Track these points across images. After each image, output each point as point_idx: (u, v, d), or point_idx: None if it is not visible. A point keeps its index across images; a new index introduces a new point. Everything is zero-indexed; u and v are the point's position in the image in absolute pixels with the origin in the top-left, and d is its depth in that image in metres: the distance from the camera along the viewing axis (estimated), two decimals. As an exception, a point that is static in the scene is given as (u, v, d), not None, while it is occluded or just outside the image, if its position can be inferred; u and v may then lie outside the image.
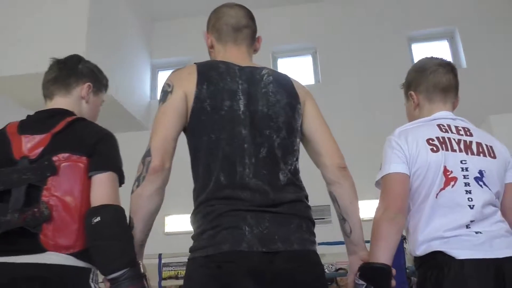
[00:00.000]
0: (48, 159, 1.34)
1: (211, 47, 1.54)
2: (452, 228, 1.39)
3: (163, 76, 7.96)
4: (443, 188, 1.43)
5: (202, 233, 1.21)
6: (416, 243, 1.45)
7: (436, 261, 1.38)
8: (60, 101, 1.53)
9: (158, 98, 1.39)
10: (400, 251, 4.05)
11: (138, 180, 1.26)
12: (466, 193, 1.42)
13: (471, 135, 1.52)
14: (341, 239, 1.45)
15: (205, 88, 1.31)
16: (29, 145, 1.38)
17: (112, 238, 1.26)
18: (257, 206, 1.20)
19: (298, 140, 1.39)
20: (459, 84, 1.66)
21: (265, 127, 1.31)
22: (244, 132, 1.28)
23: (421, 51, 7.66)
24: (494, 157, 1.51)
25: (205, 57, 1.54)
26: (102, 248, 1.27)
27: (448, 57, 7.55)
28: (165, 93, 1.35)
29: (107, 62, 4.69)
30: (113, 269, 1.23)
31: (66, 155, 1.35)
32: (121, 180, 1.41)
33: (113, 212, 1.30)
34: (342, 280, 5.41)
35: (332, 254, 4.88)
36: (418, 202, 1.48)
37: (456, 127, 1.55)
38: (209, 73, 1.34)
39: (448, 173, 1.44)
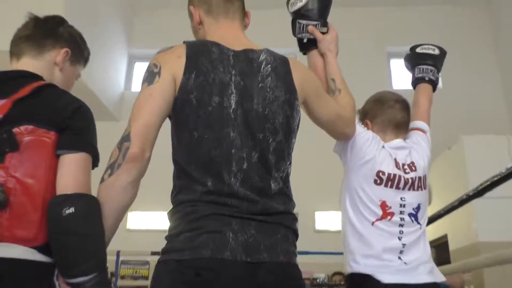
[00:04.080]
0: (7, 131, 1.09)
1: (199, 23, 1.37)
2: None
3: (140, 67, 7.80)
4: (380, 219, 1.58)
5: (178, 234, 1.08)
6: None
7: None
8: (28, 63, 1.27)
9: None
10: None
11: (112, 168, 1.08)
12: (399, 226, 1.57)
13: (415, 169, 1.67)
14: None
15: (193, 77, 1.16)
16: None
17: (86, 235, 1.05)
18: (243, 213, 1.10)
19: (294, 141, 1.28)
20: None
21: (259, 129, 1.18)
22: (232, 134, 1.15)
23: (399, 67, 7.79)
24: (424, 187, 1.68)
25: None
26: (71, 245, 1.04)
27: (425, 76, 7.71)
28: (151, 73, 1.19)
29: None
30: (80, 272, 1.04)
31: (30, 127, 1.10)
32: (94, 163, 1.19)
33: (89, 203, 1.08)
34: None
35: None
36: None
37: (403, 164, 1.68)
38: (199, 59, 1.19)
39: (386, 208, 1.58)
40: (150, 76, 1.18)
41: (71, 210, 1.05)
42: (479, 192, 2.19)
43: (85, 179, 1.12)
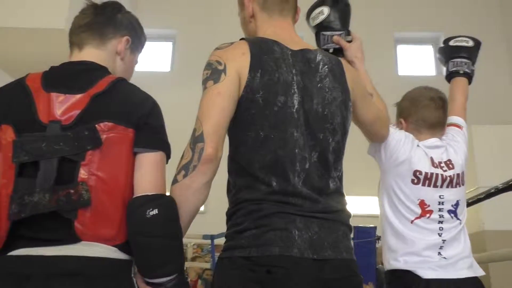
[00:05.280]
0: (90, 128, 1.05)
1: (251, 16, 1.34)
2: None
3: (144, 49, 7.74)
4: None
5: (242, 231, 1.08)
6: None
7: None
8: (92, 53, 1.22)
9: (205, 75, 1.18)
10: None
11: (186, 169, 1.07)
12: (439, 223, 1.59)
13: (453, 167, 1.67)
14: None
15: (258, 76, 1.15)
16: (62, 106, 1.08)
17: (169, 237, 1.05)
18: (305, 212, 1.11)
19: (346, 141, 1.29)
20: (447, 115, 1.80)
21: (320, 129, 1.18)
22: (296, 134, 1.15)
23: (406, 53, 7.73)
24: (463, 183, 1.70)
25: (190, 32, 1.40)
26: (155, 246, 1.03)
27: (432, 63, 7.67)
28: (216, 71, 1.15)
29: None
30: (163, 273, 1.04)
31: (109, 124, 1.07)
32: (166, 161, 1.17)
33: (171, 205, 1.07)
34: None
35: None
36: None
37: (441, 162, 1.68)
38: (262, 58, 1.17)
39: (425, 206, 1.59)
40: (216, 74, 1.15)
41: (155, 211, 1.03)
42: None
43: (162, 179, 1.11)
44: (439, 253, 1.55)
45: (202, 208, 1.21)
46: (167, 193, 1.11)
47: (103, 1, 1.31)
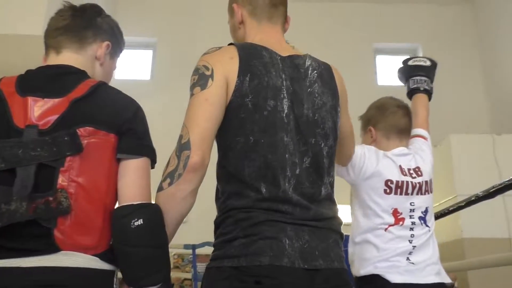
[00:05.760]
0: (70, 133, 1.02)
1: (240, 22, 1.34)
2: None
3: (122, 55, 7.65)
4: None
5: (231, 240, 1.06)
6: None
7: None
8: (71, 57, 1.18)
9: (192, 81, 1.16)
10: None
11: (171, 177, 1.06)
12: (410, 230, 1.64)
13: (421, 174, 1.73)
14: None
15: (247, 80, 1.13)
16: (39, 110, 1.04)
17: (155, 246, 1.04)
18: (296, 219, 1.09)
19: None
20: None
21: (311, 134, 1.17)
22: (286, 139, 1.13)
23: (385, 63, 7.84)
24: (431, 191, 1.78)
25: (170, 41, 1.39)
26: (140, 256, 1.02)
27: (410, 73, 7.79)
28: (203, 76, 1.14)
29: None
30: (148, 283, 1.03)
31: (90, 129, 1.04)
32: (152, 166, 1.15)
33: (156, 214, 1.05)
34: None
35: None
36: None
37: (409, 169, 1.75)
38: (251, 62, 1.16)
39: (398, 214, 1.65)
40: (202, 79, 1.14)
41: (140, 222, 1.02)
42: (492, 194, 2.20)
43: (147, 186, 1.09)
44: (408, 258, 1.59)
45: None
46: (152, 200, 1.09)
47: (82, 3, 1.26)
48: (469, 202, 2.43)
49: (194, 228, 3.97)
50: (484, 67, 7.28)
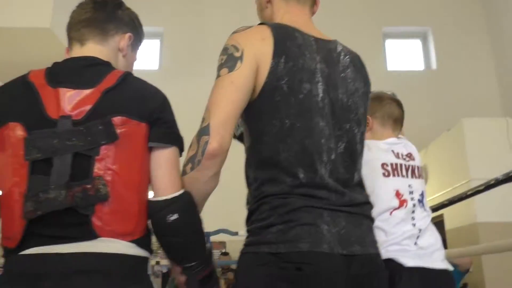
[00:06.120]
0: (105, 122, 1.04)
1: (267, 1, 1.29)
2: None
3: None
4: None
5: (268, 227, 1.04)
6: None
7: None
8: (95, 49, 1.19)
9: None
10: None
11: (192, 163, 1.06)
12: (412, 213, 1.68)
13: (413, 159, 1.81)
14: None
15: (282, 62, 1.08)
16: (71, 101, 1.05)
17: (192, 235, 1.11)
18: (332, 205, 1.07)
19: None
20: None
21: (345, 120, 1.15)
22: (321, 124, 1.10)
23: (394, 47, 7.74)
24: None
25: (177, 30, 1.37)
26: (179, 246, 1.09)
27: (420, 57, 7.70)
28: (232, 58, 1.09)
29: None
30: (188, 262, 1.11)
31: (123, 118, 1.05)
32: (180, 154, 1.17)
33: (188, 205, 1.10)
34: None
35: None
36: None
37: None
38: (286, 43, 1.11)
39: (400, 196, 1.69)
40: (231, 61, 1.10)
41: (175, 216, 1.06)
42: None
43: (178, 174, 1.11)
44: (416, 243, 1.61)
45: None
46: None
47: None
48: (489, 186, 2.40)
49: (207, 216, 3.99)
50: (495, 50, 7.17)
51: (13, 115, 1.05)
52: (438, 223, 5.40)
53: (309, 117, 1.09)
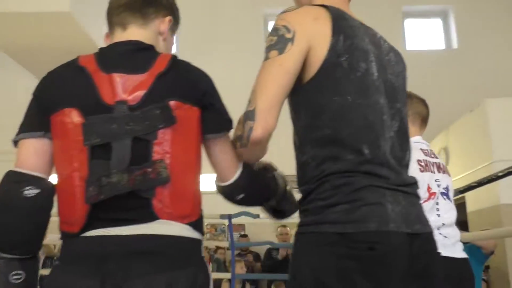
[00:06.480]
0: (162, 106, 1.05)
1: None
2: None
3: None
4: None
5: (333, 206, 1.03)
6: None
7: None
8: (137, 32, 1.19)
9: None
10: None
11: (241, 142, 1.09)
12: (437, 205, 1.83)
13: (437, 157, 1.96)
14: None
15: (341, 40, 1.07)
16: (126, 86, 1.06)
17: (260, 196, 1.30)
18: (392, 185, 1.06)
19: None
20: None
21: (395, 99, 1.16)
22: (381, 101, 1.10)
23: (414, 27, 7.59)
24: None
25: (184, 18, 1.35)
26: (253, 203, 1.34)
27: (441, 36, 7.54)
28: (283, 39, 1.07)
29: (94, 13, 4.45)
30: (268, 201, 1.32)
31: (177, 102, 1.06)
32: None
33: (251, 180, 1.21)
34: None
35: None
36: None
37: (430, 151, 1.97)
38: (341, 22, 1.10)
39: (430, 190, 1.83)
40: (281, 42, 1.07)
41: (242, 195, 1.19)
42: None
43: (234, 155, 1.17)
44: (440, 233, 1.74)
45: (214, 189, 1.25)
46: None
47: None
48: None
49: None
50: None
51: (68, 101, 1.05)
52: (460, 205, 5.34)
53: (369, 94, 1.08)
